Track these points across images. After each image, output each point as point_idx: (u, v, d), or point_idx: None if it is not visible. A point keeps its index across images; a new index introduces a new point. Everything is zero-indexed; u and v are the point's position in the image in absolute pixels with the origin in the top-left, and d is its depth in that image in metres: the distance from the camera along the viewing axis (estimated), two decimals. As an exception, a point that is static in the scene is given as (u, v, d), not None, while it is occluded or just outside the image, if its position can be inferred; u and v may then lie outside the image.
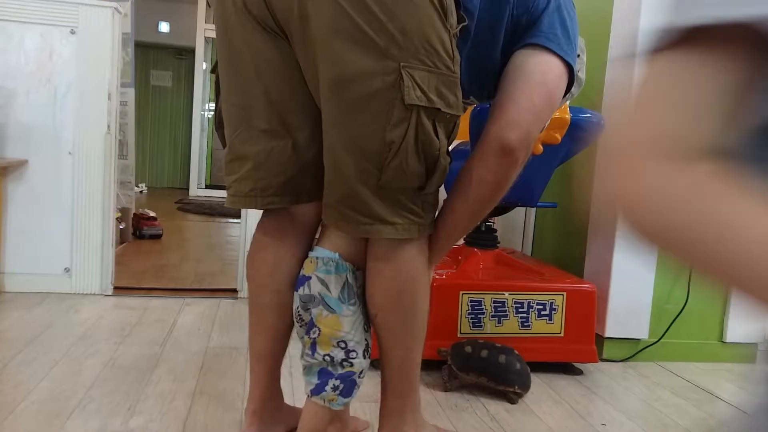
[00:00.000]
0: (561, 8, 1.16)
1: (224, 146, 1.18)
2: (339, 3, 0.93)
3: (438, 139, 1.00)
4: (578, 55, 1.39)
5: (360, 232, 1.04)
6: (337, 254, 1.10)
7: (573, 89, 1.39)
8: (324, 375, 1.10)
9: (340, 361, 1.09)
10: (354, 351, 1.09)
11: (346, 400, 1.11)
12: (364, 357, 1.10)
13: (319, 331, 1.09)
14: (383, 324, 1.11)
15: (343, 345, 1.09)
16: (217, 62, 1.14)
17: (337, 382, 1.09)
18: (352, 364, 1.09)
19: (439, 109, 0.99)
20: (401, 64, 0.95)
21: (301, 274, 1.13)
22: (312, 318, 1.10)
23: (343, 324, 1.09)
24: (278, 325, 1.19)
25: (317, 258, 1.11)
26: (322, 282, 1.09)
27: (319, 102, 1.04)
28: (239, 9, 1.03)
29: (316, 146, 1.09)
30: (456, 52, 1.02)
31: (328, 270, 1.10)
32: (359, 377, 1.11)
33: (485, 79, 1.19)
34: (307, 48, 1.00)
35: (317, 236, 1.19)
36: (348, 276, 1.10)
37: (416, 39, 0.95)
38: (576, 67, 1.25)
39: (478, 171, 1.10)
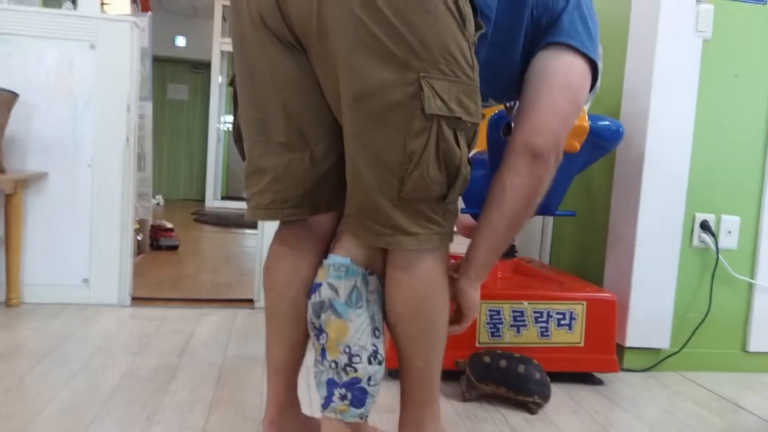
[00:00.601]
0: (581, 5, 1.16)
1: (243, 159, 1.18)
2: (358, 16, 0.93)
3: (459, 148, 1.00)
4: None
5: (382, 243, 1.04)
6: (348, 260, 1.10)
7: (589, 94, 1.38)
8: (330, 385, 1.08)
9: (344, 366, 1.07)
10: (357, 356, 1.07)
11: (359, 411, 1.08)
12: (369, 363, 1.07)
13: (327, 336, 1.08)
14: (403, 334, 1.10)
15: (347, 350, 1.07)
16: (234, 75, 1.15)
17: (343, 391, 1.07)
18: (356, 370, 1.06)
19: (460, 118, 0.99)
20: (421, 74, 0.94)
21: (314, 282, 1.13)
22: (321, 324, 1.09)
23: (349, 329, 1.07)
24: (295, 335, 1.19)
25: (329, 265, 1.11)
26: (332, 287, 1.08)
27: (338, 114, 1.04)
28: (256, 23, 1.04)
29: (333, 158, 1.10)
30: (475, 60, 1.02)
31: (339, 276, 1.09)
32: (369, 385, 1.08)
33: (505, 82, 1.19)
34: (326, 62, 1.01)
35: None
36: (357, 280, 1.09)
37: (436, 49, 0.95)
38: (599, 64, 1.24)
39: (510, 179, 1.10)
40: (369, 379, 1.08)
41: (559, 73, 1.13)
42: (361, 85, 0.95)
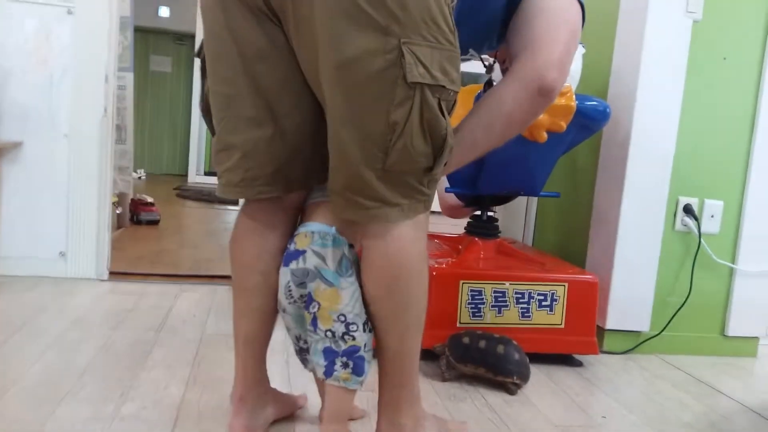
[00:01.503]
0: None
1: (213, 134, 1.14)
2: None
3: (444, 117, 0.97)
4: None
5: (368, 217, 1.00)
6: (333, 228, 1.08)
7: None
8: (329, 354, 1.08)
9: (341, 335, 1.06)
10: (354, 323, 1.06)
11: (360, 378, 1.08)
12: (365, 330, 1.07)
13: (319, 305, 1.06)
14: (377, 313, 1.08)
15: (342, 318, 1.06)
16: (202, 45, 1.11)
17: (345, 359, 1.07)
18: (354, 338, 1.07)
19: (444, 86, 0.95)
20: (402, 40, 0.90)
21: (292, 249, 1.10)
22: (310, 293, 1.07)
23: (342, 297, 1.06)
24: (265, 308, 1.16)
25: (312, 232, 1.08)
26: (319, 255, 1.07)
27: (316, 87, 1.00)
28: None
29: (305, 133, 1.06)
30: (454, 25, 0.98)
31: (325, 243, 1.07)
32: (366, 352, 1.08)
33: (486, 30, 1.16)
34: (301, 30, 0.96)
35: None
36: (345, 249, 1.08)
37: (416, 13, 0.91)
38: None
39: (509, 109, 1.07)
40: (365, 346, 1.08)
41: (560, 8, 1.11)
42: (340, 54, 0.91)
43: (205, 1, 1.03)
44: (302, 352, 1.20)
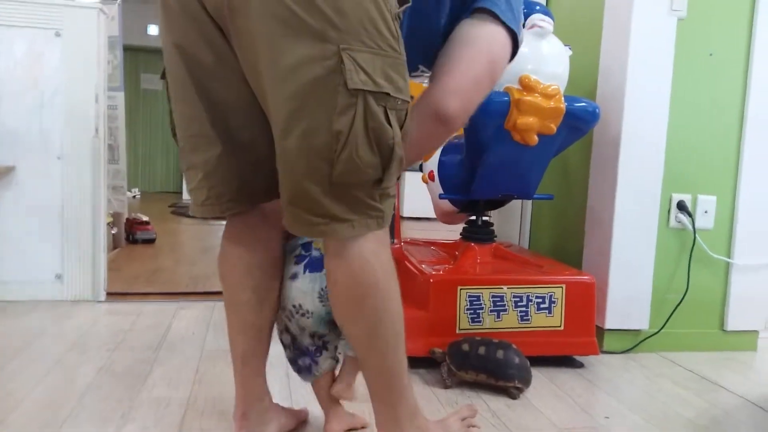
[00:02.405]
0: None
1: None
2: None
3: (391, 127, 0.93)
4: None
5: (315, 233, 0.97)
6: None
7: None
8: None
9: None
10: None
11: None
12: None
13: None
14: (352, 334, 1.06)
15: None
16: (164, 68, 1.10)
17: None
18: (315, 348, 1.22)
19: (388, 94, 0.92)
20: (341, 46, 0.88)
21: (318, 255, 1.17)
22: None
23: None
24: (259, 322, 1.16)
25: None
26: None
27: (261, 98, 0.97)
28: (169, 6, 0.98)
29: (263, 145, 1.03)
30: (399, 32, 0.96)
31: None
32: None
33: (430, 48, 1.15)
34: (242, 43, 0.95)
35: None
36: None
37: (355, 19, 0.89)
38: (520, 37, 1.19)
39: (412, 130, 1.03)
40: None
41: (482, 38, 1.11)
42: (278, 63, 0.89)
43: (160, 21, 1.03)
44: (314, 353, 1.22)
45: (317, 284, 1.14)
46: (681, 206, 1.98)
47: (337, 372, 1.27)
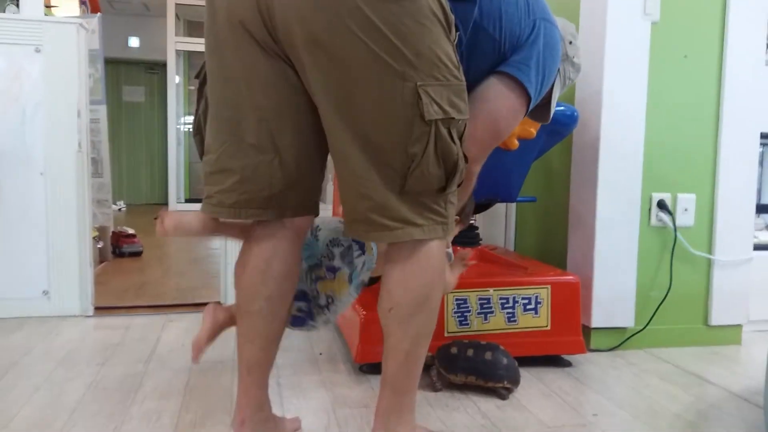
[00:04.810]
0: (539, 39, 1.23)
1: (201, 155, 1.17)
2: (355, 33, 0.96)
3: (455, 143, 1.05)
4: (570, 42, 1.44)
5: (392, 238, 1.07)
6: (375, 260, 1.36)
7: (572, 74, 1.47)
8: (304, 296, 1.35)
9: (319, 304, 1.36)
10: (329, 312, 1.37)
11: (290, 326, 1.33)
12: (326, 322, 1.39)
13: (333, 278, 1.35)
14: (395, 316, 1.12)
15: (330, 300, 1.35)
16: (203, 67, 1.14)
17: (304, 309, 1.36)
18: (321, 314, 1.37)
19: (453, 118, 1.04)
20: (418, 83, 0.99)
21: (349, 239, 1.34)
22: (338, 267, 1.35)
23: (344, 296, 1.36)
24: (268, 333, 1.18)
25: (372, 250, 1.36)
26: (363, 266, 1.35)
27: (334, 125, 1.05)
28: (234, 25, 1.04)
29: (303, 166, 1.12)
30: (458, 61, 1.07)
31: (369, 266, 1.36)
32: (313, 327, 1.39)
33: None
34: (317, 76, 1.02)
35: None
36: (366, 278, 1.37)
37: (429, 59, 1.00)
38: (570, 54, 1.42)
39: None
40: (315, 326, 1.39)
41: (492, 101, 1.22)
42: (362, 95, 1.00)
43: (216, 30, 1.07)
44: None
45: (344, 243, 1.34)
46: (661, 205, 2.01)
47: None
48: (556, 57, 1.29)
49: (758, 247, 2.18)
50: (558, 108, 1.78)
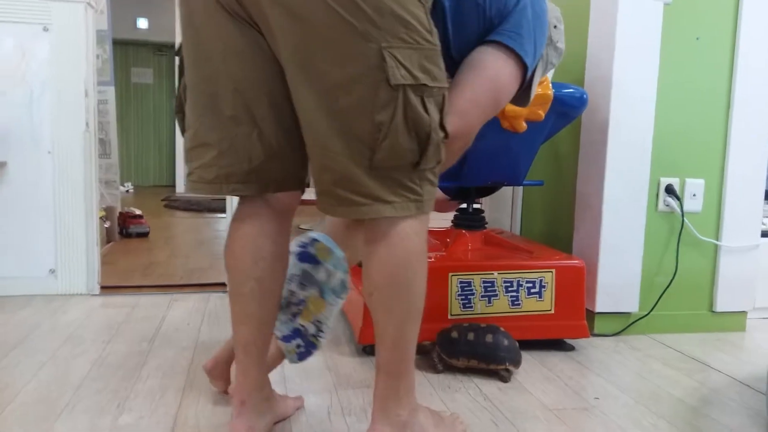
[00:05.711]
0: (527, 8, 1.19)
1: (182, 131, 1.16)
2: None
3: (429, 114, 0.99)
4: (555, 26, 1.39)
5: (359, 214, 1.02)
6: (343, 254, 1.25)
7: (554, 59, 1.40)
8: (296, 333, 1.30)
9: (311, 334, 1.30)
10: (323, 333, 1.30)
11: (297, 362, 1.33)
12: (324, 338, 1.32)
13: (306, 307, 1.28)
14: (379, 301, 1.10)
15: (318, 324, 1.29)
16: (181, 44, 1.12)
17: (302, 344, 1.30)
18: (318, 340, 1.30)
19: (425, 85, 0.98)
20: (382, 45, 0.94)
21: (312, 252, 1.25)
22: (304, 297, 1.28)
23: (327, 310, 1.28)
24: (261, 314, 1.18)
25: (332, 252, 1.25)
26: (329, 274, 1.26)
27: (295, 88, 1.01)
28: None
29: (282, 138, 1.08)
30: (432, 24, 1.01)
31: (336, 266, 1.26)
32: (313, 354, 1.33)
33: (449, 69, 1.20)
34: (281, 39, 0.98)
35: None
36: (346, 275, 1.26)
37: (392, 17, 0.94)
38: (555, 38, 1.29)
39: None
40: (316, 351, 1.33)
41: (492, 66, 1.17)
42: (323, 59, 0.95)
43: (188, 2, 1.05)
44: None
45: (295, 269, 1.27)
46: (669, 190, 2.00)
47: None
48: (545, 28, 1.25)
49: (766, 234, 2.16)
50: (567, 90, 1.76)
